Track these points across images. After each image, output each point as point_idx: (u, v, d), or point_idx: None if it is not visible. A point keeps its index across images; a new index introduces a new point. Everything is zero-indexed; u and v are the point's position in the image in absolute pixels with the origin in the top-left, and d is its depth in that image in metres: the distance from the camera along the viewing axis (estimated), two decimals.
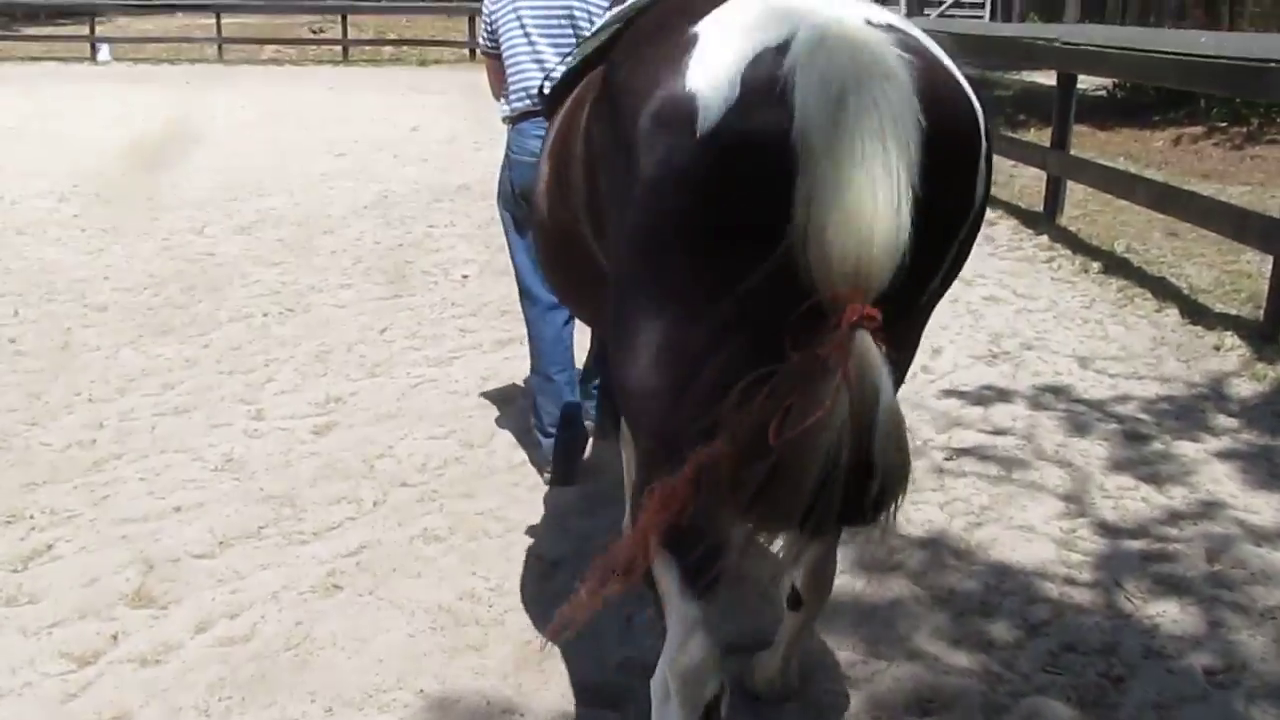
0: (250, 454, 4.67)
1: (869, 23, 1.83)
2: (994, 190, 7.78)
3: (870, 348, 1.63)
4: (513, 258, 4.57)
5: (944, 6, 32.52)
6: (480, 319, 6.56)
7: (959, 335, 6.40)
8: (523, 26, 4.18)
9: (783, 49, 1.76)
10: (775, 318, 1.70)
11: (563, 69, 2.83)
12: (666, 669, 2.21)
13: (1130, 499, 4.34)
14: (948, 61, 1.97)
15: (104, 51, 28.00)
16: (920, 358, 5.53)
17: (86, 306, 6.72)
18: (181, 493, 4.30)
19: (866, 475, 1.66)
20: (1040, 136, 12.36)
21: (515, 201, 4.35)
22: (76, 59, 27.93)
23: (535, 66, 4.16)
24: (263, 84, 22.26)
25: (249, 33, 31.29)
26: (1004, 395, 5.47)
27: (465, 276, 7.54)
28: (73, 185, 10.65)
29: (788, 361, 1.66)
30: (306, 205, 9.94)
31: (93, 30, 29.28)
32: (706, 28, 1.91)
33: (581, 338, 4.67)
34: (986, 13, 35.21)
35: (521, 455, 4.70)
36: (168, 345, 6.04)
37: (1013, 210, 9.58)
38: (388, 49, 29.13)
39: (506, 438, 4.88)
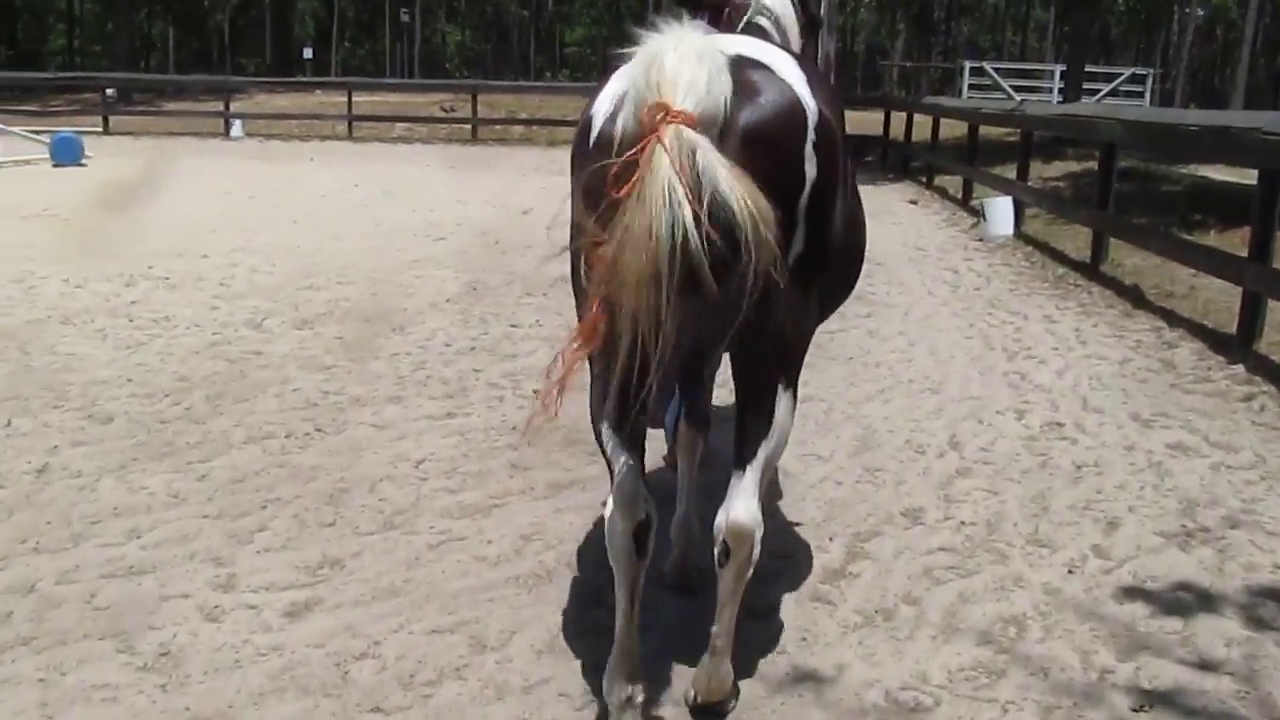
0: (195, 646, 3.54)
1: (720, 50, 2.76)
2: (1172, 303, 7.84)
3: (684, 130, 2.49)
4: None
5: (1103, 94, 30.89)
6: (539, 451, 5.39)
7: (1140, 500, 5.00)
8: None
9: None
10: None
11: None
12: (610, 499, 3.00)
13: None
14: (780, 68, 2.86)
15: (236, 127, 28.19)
16: (1091, 532, 4.17)
17: (90, 418, 5.75)
18: (80, 709, 3.18)
19: (710, 235, 2.45)
20: (1224, 241, 10.82)
21: None
22: (211, 134, 28.13)
23: None
24: (385, 161, 21.88)
25: (381, 110, 31.25)
26: (1208, 601, 4.06)
27: (537, 391, 6.38)
28: (147, 267, 9.89)
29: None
30: (385, 296, 8.97)
31: (227, 107, 29.52)
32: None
33: None
34: (1146, 99, 33.44)
35: (544, 670, 3.46)
36: (159, 474, 5.00)
37: (1197, 330, 8.09)
38: (518, 128, 28.67)
39: (531, 639, 3.65)
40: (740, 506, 2.96)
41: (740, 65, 2.77)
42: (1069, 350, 7.78)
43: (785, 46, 3.47)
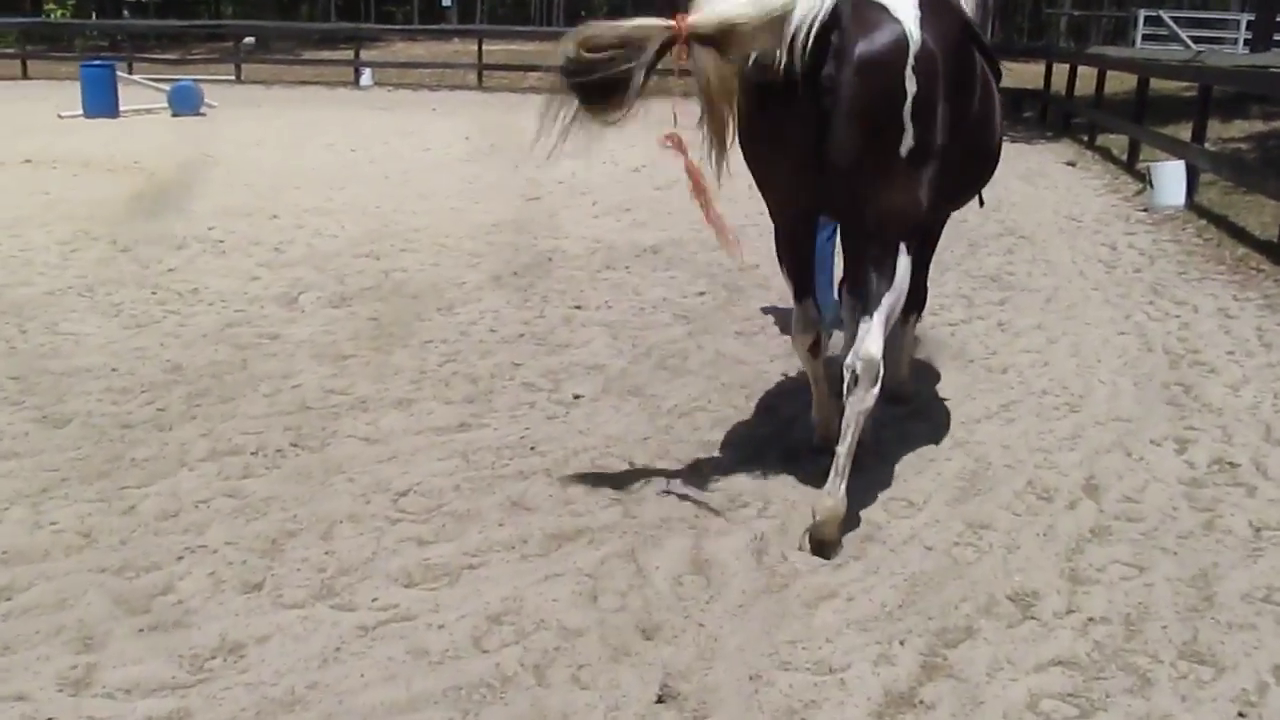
0: None
1: None
2: None
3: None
4: None
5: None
6: (550, 481, 4.29)
7: None
8: None
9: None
10: None
11: None
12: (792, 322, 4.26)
13: None
14: (886, 10, 3.65)
15: (366, 76, 27.64)
16: (1275, 643, 3.39)
17: (42, 420, 4.87)
18: None
19: None
20: None
21: None
22: (342, 83, 27.66)
23: None
24: (508, 112, 20.90)
25: (516, 59, 30.34)
26: None
27: (578, 397, 5.29)
28: (207, 229, 9.09)
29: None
30: (445, 267, 7.96)
31: (357, 55, 29.03)
32: None
33: None
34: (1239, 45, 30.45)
35: None
36: (80, 503, 4.06)
37: None
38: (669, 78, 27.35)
39: None
40: (870, 343, 3.79)
41: (861, 6, 3.64)
42: (1248, 356, 6.31)
43: None
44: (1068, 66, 19.71)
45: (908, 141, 3.67)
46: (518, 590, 3.48)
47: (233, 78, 28.35)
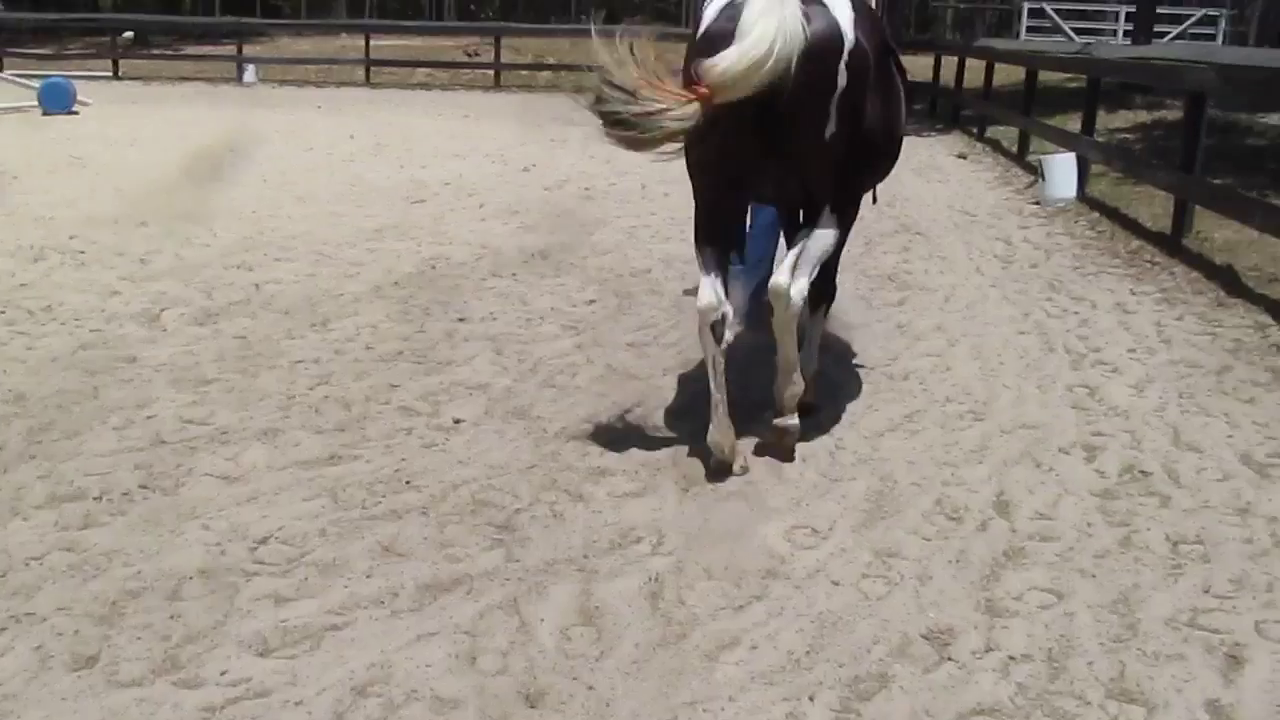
0: None
1: None
2: (1277, 290, 6.79)
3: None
4: None
5: (1172, 35, 28.76)
6: (426, 521, 3.93)
7: (1270, 610, 3.49)
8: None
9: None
10: None
11: None
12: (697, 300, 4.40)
13: None
14: (831, 4, 4.18)
15: (249, 73, 26.82)
16: (1205, 674, 3.21)
17: None
18: None
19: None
20: None
21: None
22: (225, 79, 26.80)
23: None
24: (395, 110, 20.41)
25: (405, 54, 29.72)
26: None
27: (458, 421, 4.93)
28: (68, 238, 8.53)
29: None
30: (323, 278, 7.52)
31: (240, 50, 28.15)
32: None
33: None
34: (1218, 41, 31.25)
35: None
36: None
37: None
38: (544, 74, 27.01)
39: None
40: (780, 274, 4.33)
41: (808, 3, 4.09)
42: (1150, 354, 6.20)
43: None
44: (956, 59, 19.80)
45: (833, 125, 4.22)
46: (386, 655, 3.12)
47: (110, 74, 27.35)
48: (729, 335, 4.43)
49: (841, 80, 4.16)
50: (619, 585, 3.51)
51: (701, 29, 4.24)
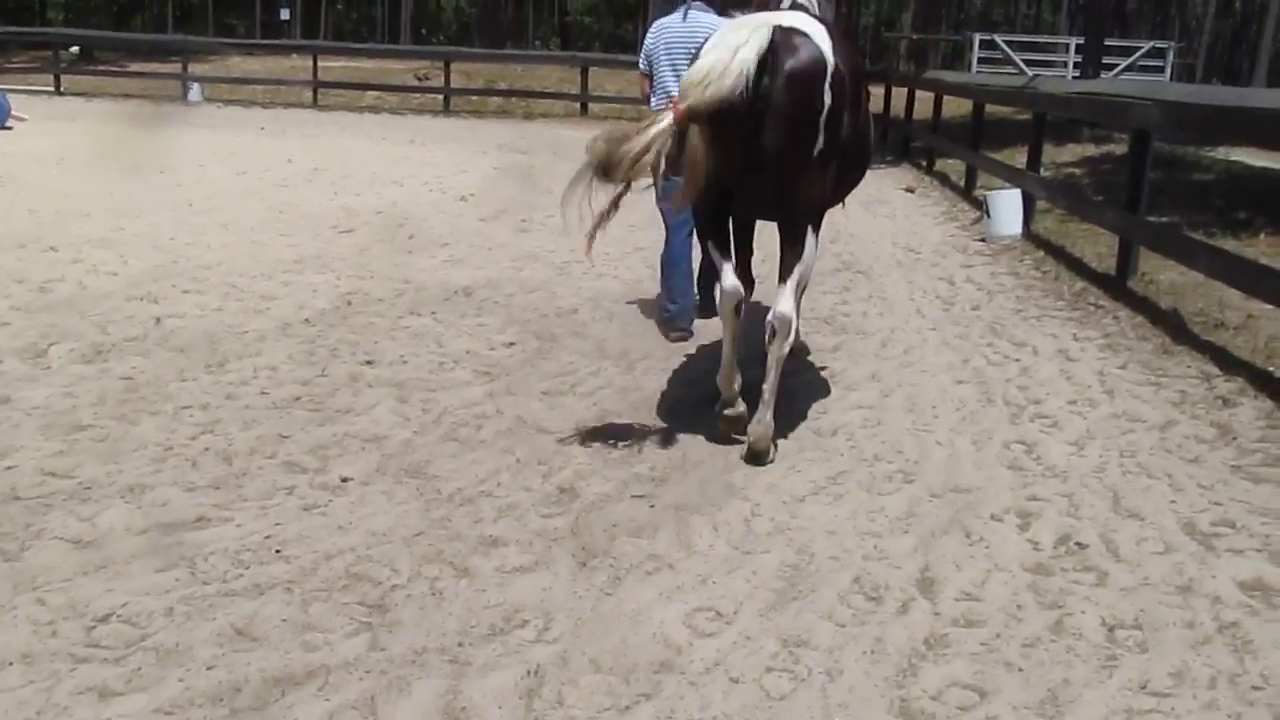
0: None
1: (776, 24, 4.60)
2: (1223, 338, 6.86)
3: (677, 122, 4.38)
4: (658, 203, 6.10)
5: (1121, 68, 28.88)
6: (289, 599, 3.54)
7: (1214, 712, 3.16)
8: (668, 53, 6.84)
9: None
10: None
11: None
12: (716, 292, 5.06)
13: None
14: (814, 34, 4.68)
15: (194, 91, 26.35)
16: None
17: None
18: None
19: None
20: None
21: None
22: (170, 97, 26.29)
23: (674, 79, 6.54)
24: (340, 133, 19.97)
25: (355, 77, 29.33)
26: None
27: (345, 480, 4.54)
28: None
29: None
30: (229, 313, 7.12)
31: (185, 68, 27.63)
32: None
33: None
34: (1166, 75, 31.43)
35: None
36: None
37: (1260, 379, 6.20)
38: (494, 100, 26.69)
39: None
40: (782, 304, 4.85)
41: (789, 33, 4.62)
42: (1092, 406, 5.91)
43: (821, 16, 5.24)
44: (906, 90, 19.66)
45: (820, 143, 4.68)
46: None
47: (52, 89, 26.82)
48: (743, 314, 5.08)
49: (826, 101, 4.65)
50: (492, 681, 3.14)
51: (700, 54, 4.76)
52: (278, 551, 3.88)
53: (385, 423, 5.22)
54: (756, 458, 4.88)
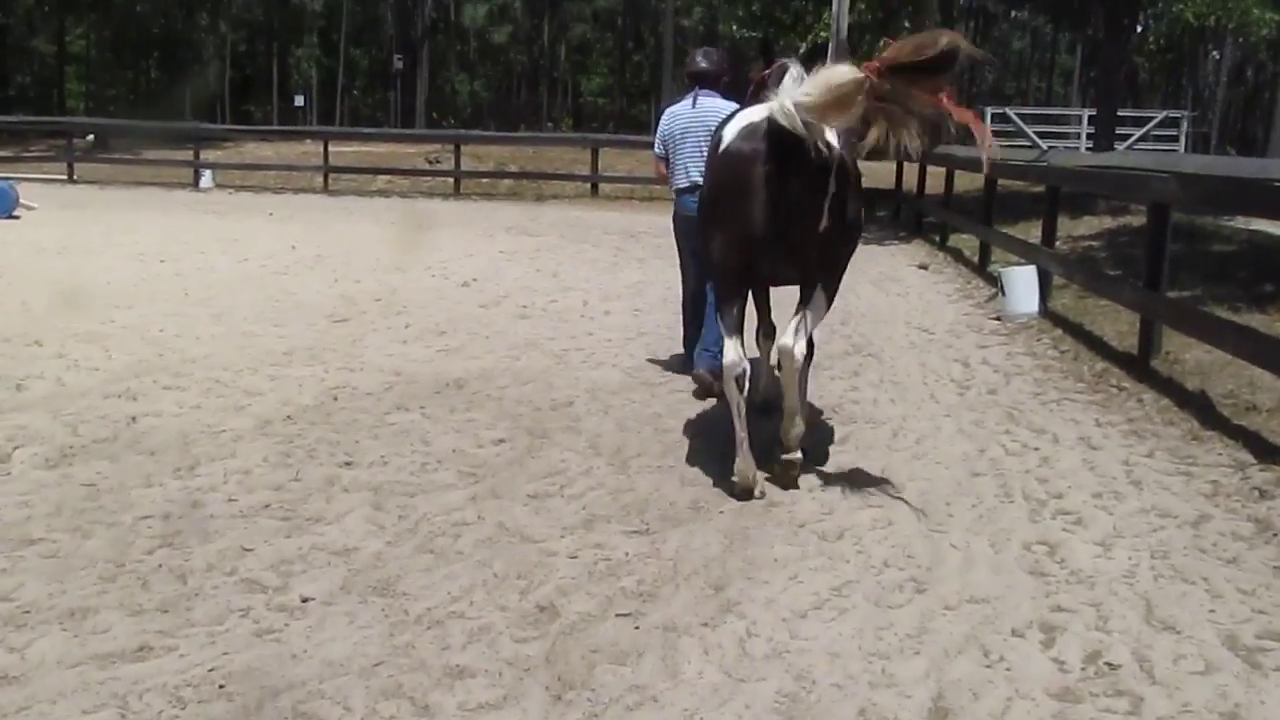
0: None
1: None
2: (1256, 422, 6.54)
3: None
4: (682, 271, 7.86)
5: (1135, 137, 28.72)
6: None
7: None
8: (682, 138, 7.46)
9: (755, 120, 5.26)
10: None
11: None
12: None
13: None
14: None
15: (206, 178, 26.44)
16: None
17: None
18: None
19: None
20: None
21: (687, 238, 7.37)
22: (182, 184, 26.38)
23: (690, 161, 7.39)
24: (348, 218, 19.89)
25: (367, 161, 29.39)
26: None
27: (306, 600, 4.18)
28: None
29: None
30: (208, 410, 6.81)
31: (197, 155, 27.74)
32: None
33: None
34: (1181, 144, 31.26)
35: None
36: None
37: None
38: (505, 182, 26.65)
39: None
40: (786, 336, 5.40)
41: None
42: (1118, 500, 5.52)
43: None
44: (918, 165, 19.46)
45: (826, 220, 5.28)
46: None
47: (65, 177, 26.97)
48: (747, 385, 5.51)
49: (832, 185, 5.23)
50: None
51: (723, 147, 5.42)
52: (221, 687, 3.52)
53: (357, 533, 4.86)
54: (788, 484, 5.60)
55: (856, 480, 5.77)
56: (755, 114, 5.29)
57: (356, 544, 4.74)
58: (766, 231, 5.22)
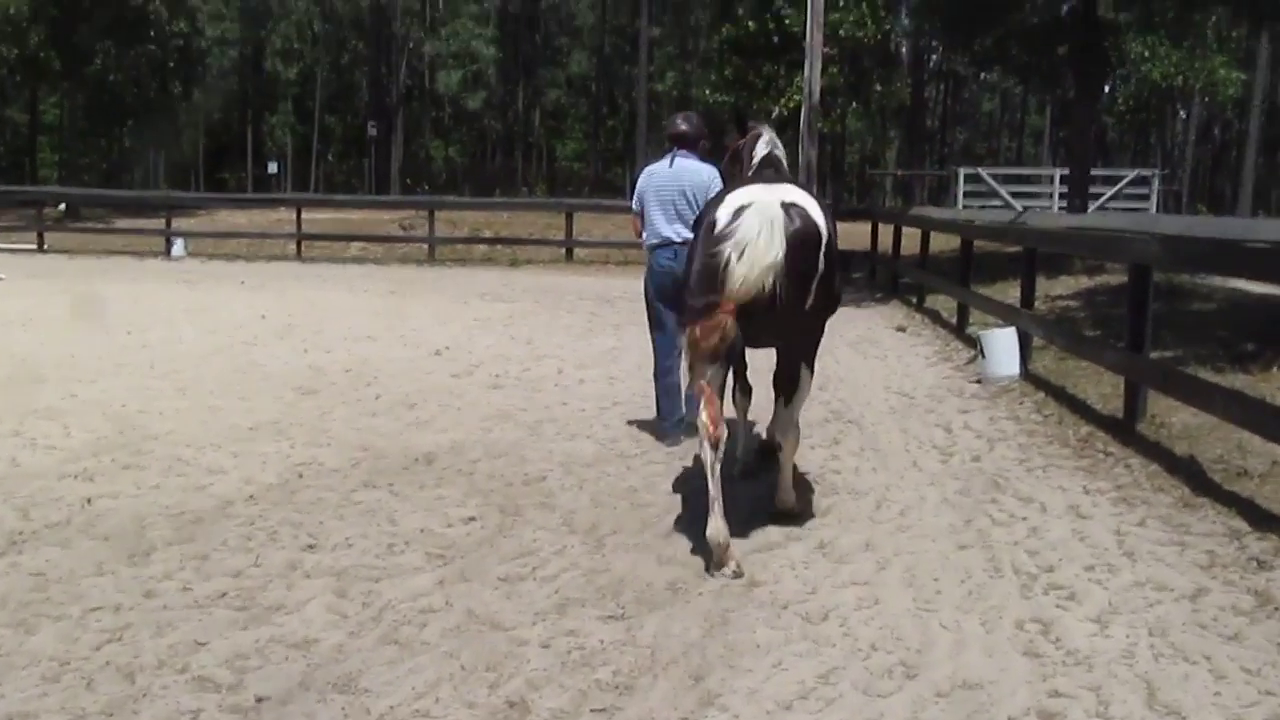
0: None
1: (780, 200, 5.40)
2: (1249, 488, 6.41)
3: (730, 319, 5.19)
4: (652, 336, 7.96)
5: (1107, 196, 28.90)
6: None
7: None
8: (657, 195, 7.66)
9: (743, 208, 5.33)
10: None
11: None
12: (698, 423, 5.50)
13: None
14: (809, 208, 5.54)
15: (178, 246, 26.25)
16: None
17: None
18: None
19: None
20: None
21: (656, 294, 7.70)
22: (154, 253, 26.15)
23: (662, 218, 7.63)
24: (320, 286, 19.67)
25: (341, 228, 29.26)
26: None
27: (260, 700, 3.93)
28: None
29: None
30: (168, 491, 6.57)
31: (169, 224, 27.57)
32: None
33: None
34: (1152, 202, 31.47)
35: None
36: None
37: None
38: (480, 248, 26.55)
39: None
40: (779, 423, 6.07)
41: (789, 207, 5.41)
42: (1112, 573, 5.33)
43: (801, 183, 6.58)
44: (892, 226, 19.46)
45: (813, 298, 5.57)
46: None
47: (35, 247, 26.71)
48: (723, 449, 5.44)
49: (820, 266, 5.53)
50: None
51: (717, 230, 5.35)
52: None
53: (318, 623, 4.62)
54: (785, 517, 6.05)
55: (839, 554, 5.56)
56: (758, 213, 5.28)
57: (317, 635, 4.49)
58: (754, 311, 5.28)
